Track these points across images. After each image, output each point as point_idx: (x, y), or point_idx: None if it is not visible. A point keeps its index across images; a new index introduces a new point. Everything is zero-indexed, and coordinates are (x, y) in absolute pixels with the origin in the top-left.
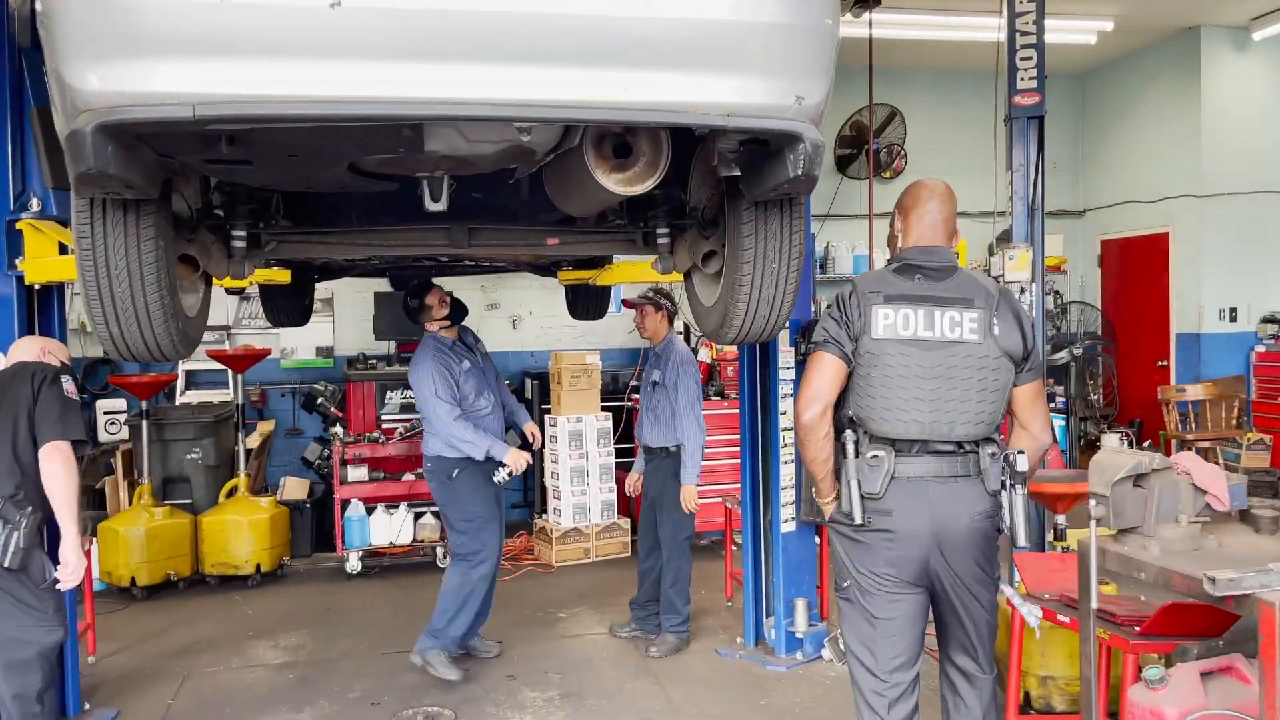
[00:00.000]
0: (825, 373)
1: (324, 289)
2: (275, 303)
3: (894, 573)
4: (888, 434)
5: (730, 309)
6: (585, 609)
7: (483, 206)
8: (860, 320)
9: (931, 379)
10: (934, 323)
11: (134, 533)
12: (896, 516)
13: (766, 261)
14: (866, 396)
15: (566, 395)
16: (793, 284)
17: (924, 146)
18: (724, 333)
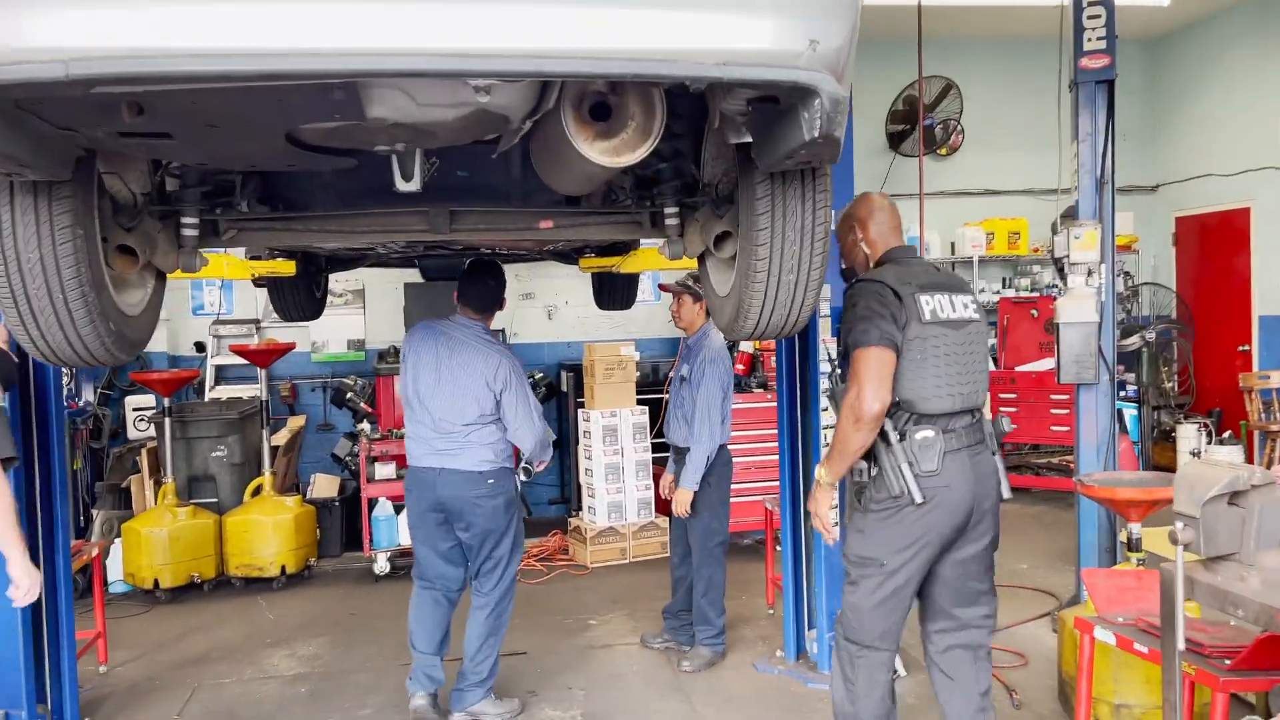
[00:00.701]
0: (887, 365)
1: (355, 280)
2: (281, 295)
3: (934, 541)
4: (935, 410)
5: (745, 298)
6: (618, 615)
7: (468, 186)
8: (904, 311)
9: (961, 355)
10: (954, 305)
11: (156, 534)
12: (954, 489)
13: (786, 243)
14: (918, 379)
15: (600, 388)
16: (817, 270)
17: (982, 120)
18: (740, 326)
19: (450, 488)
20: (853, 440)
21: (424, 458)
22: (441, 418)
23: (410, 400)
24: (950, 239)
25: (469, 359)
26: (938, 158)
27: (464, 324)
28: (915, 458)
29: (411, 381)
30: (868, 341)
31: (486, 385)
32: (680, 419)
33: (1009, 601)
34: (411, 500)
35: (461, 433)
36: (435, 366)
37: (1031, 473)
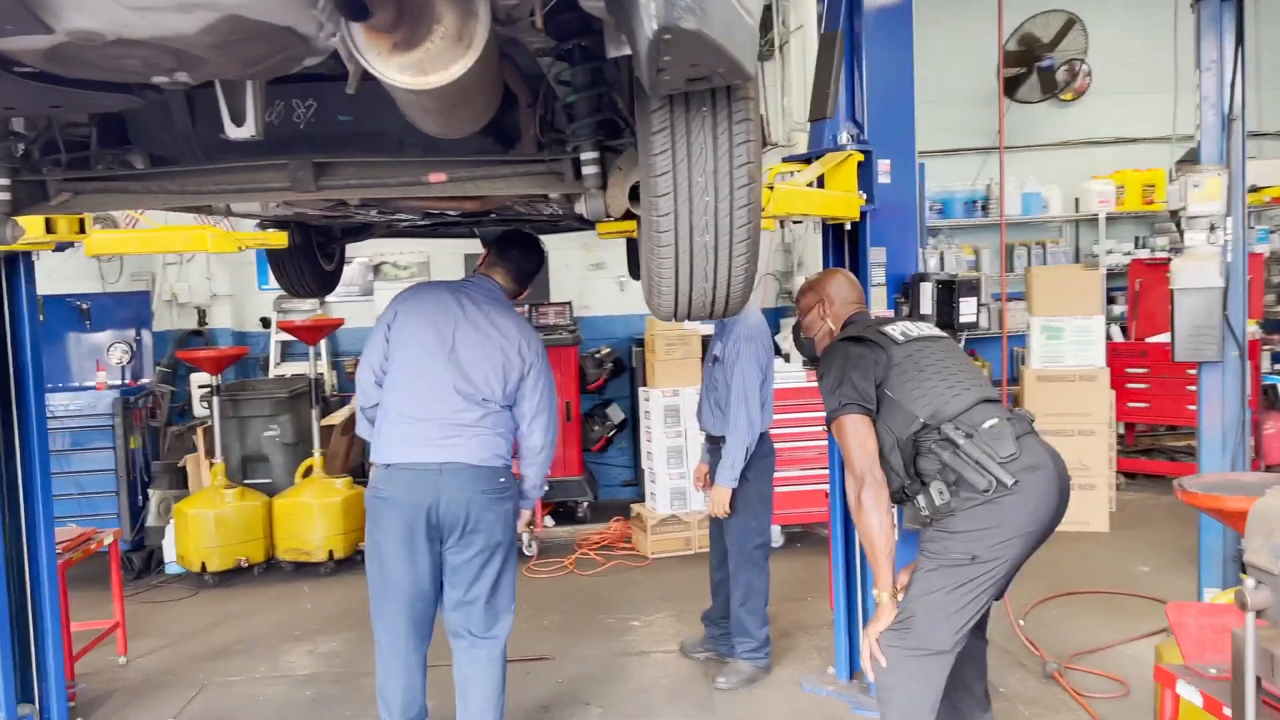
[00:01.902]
0: (864, 429)
1: (420, 252)
2: (283, 268)
3: (1034, 529)
4: (961, 407)
5: (652, 265)
6: (665, 615)
7: (354, 134)
8: (873, 350)
9: (951, 359)
10: (918, 327)
11: (204, 516)
12: (1042, 469)
13: (694, 191)
14: (926, 390)
15: (661, 365)
16: (743, 229)
17: (1111, 59)
18: (655, 302)
19: (457, 488)
20: (874, 521)
21: (416, 450)
22: (454, 395)
23: (398, 374)
24: (1074, 194)
25: (499, 321)
26: (1059, 103)
27: (490, 285)
28: (990, 448)
29: (404, 349)
30: (841, 411)
31: (519, 353)
32: (713, 405)
33: (1116, 614)
34: (390, 510)
35: (477, 414)
36: (447, 330)
37: (1165, 457)
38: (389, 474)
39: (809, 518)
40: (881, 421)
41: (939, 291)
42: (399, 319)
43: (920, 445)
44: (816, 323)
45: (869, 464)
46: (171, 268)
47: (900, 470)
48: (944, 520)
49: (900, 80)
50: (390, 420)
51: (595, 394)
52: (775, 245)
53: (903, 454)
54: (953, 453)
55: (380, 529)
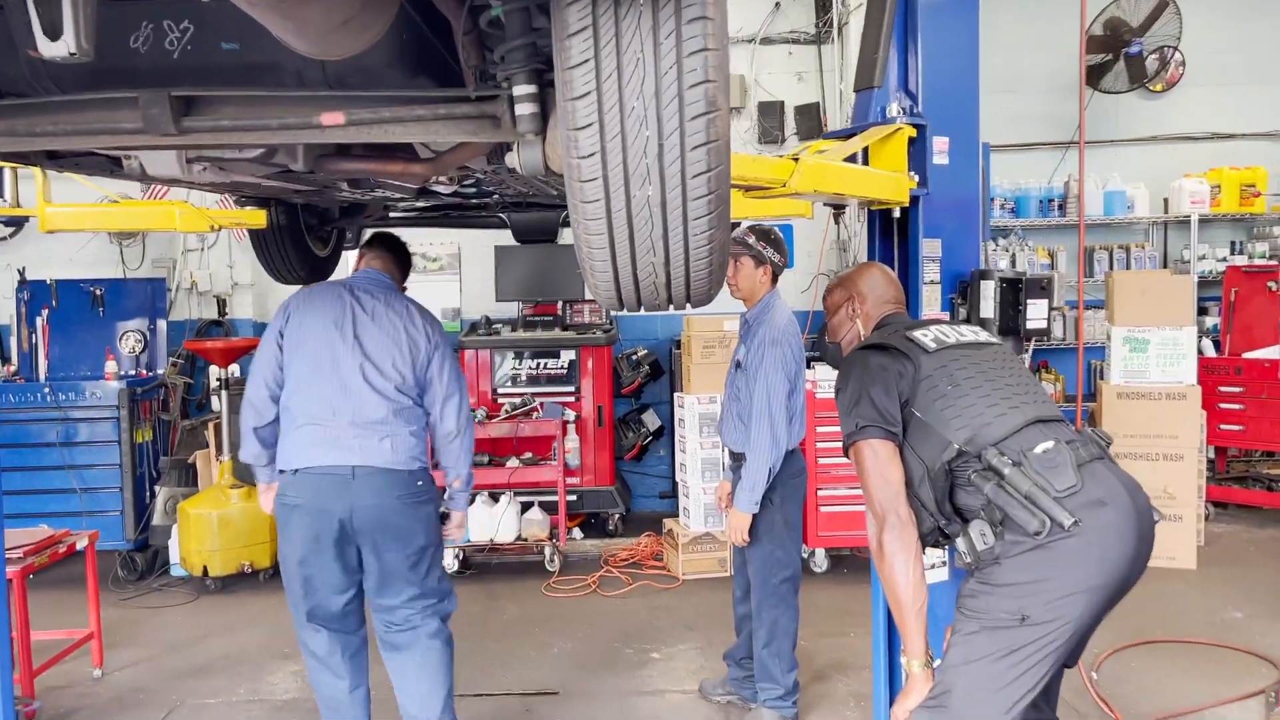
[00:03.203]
0: (885, 457)
1: (451, 244)
2: (266, 250)
3: (1106, 581)
4: (1008, 429)
5: (579, 231)
6: (688, 648)
7: (237, 67)
8: (898, 360)
9: (998, 370)
10: (958, 332)
11: (207, 516)
12: (1114, 505)
13: (628, 122)
14: (963, 408)
15: (697, 369)
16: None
17: (1207, 47)
18: (591, 282)
19: (372, 494)
20: (899, 571)
21: (326, 453)
22: (364, 387)
23: (300, 377)
24: (1162, 194)
25: (397, 306)
26: (1148, 94)
27: (378, 275)
28: (1043, 479)
29: (304, 350)
30: (858, 435)
31: (425, 336)
32: (735, 418)
33: (1206, 668)
34: (301, 517)
35: (388, 409)
36: (346, 323)
37: (1261, 486)
38: (297, 479)
39: (855, 540)
40: (909, 447)
41: (1003, 291)
42: (292, 323)
43: (957, 476)
44: (845, 324)
45: (892, 500)
46: (192, 254)
47: (932, 507)
48: (987, 570)
49: (962, 45)
50: (296, 424)
51: (630, 398)
52: (830, 242)
53: (935, 487)
54: (996, 485)
55: (290, 540)
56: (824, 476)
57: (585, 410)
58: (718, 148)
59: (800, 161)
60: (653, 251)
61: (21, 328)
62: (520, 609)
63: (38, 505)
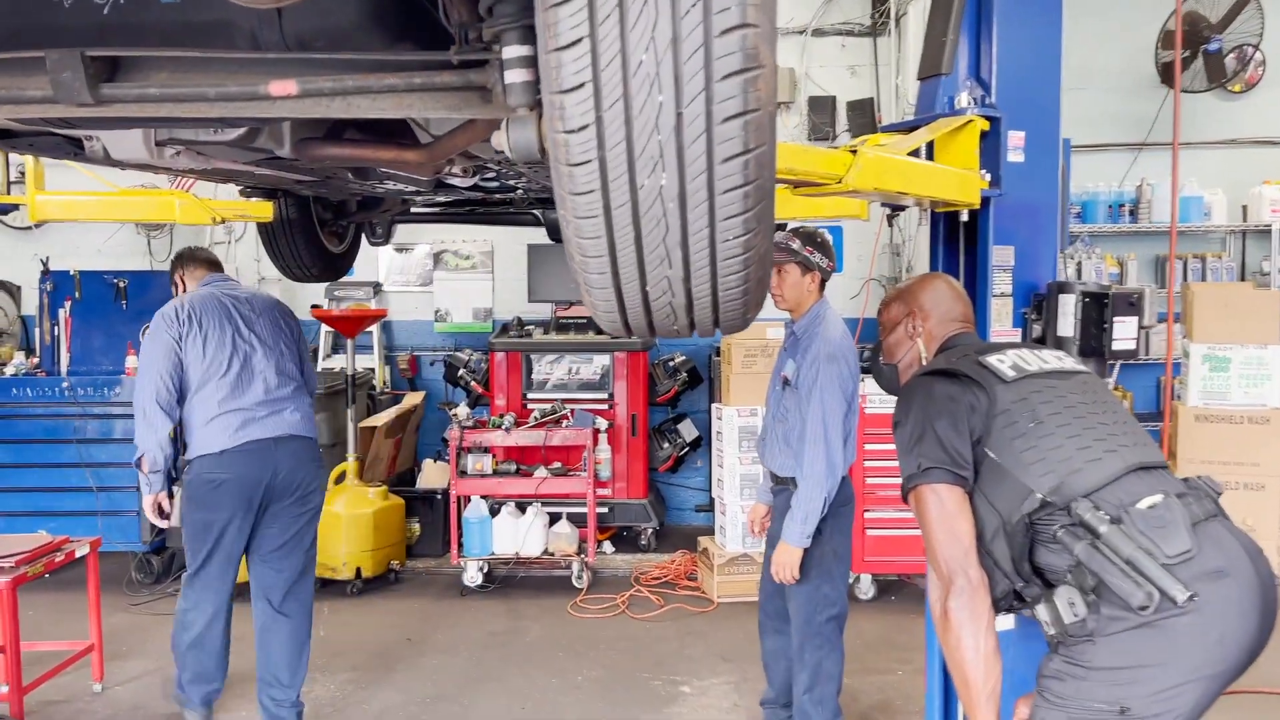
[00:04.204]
0: (953, 506)
1: (485, 241)
2: (276, 246)
3: (1223, 667)
4: (1104, 477)
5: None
6: (723, 682)
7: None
8: (969, 390)
9: (1091, 404)
10: (1040, 358)
11: None
12: (1235, 574)
13: (633, 82)
14: (1046, 450)
15: (737, 379)
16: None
17: None
18: (589, 301)
19: (294, 457)
20: (967, 644)
21: (247, 431)
22: (271, 373)
23: (210, 374)
24: (1241, 201)
25: (268, 308)
26: (1226, 94)
27: (232, 283)
28: (1151, 541)
29: (209, 350)
30: (921, 478)
31: (295, 327)
32: (780, 440)
33: None
34: (230, 489)
35: (290, 388)
36: (242, 324)
37: None
38: (222, 458)
39: (905, 567)
40: (980, 495)
41: (1085, 307)
42: (190, 331)
43: (1039, 532)
44: (903, 343)
45: (960, 558)
46: (219, 247)
47: (1008, 567)
48: (1078, 648)
49: (1043, 27)
50: (212, 414)
51: (666, 406)
52: (882, 246)
53: (1012, 544)
54: (1090, 545)
55: (216, 509)
56: (871, 498)
57: (619, 418)
58: (758, 121)
59: (859, 154)
60: (666, 262)
61: (44, 320)
62: (544, 630)
63: (52, 503)
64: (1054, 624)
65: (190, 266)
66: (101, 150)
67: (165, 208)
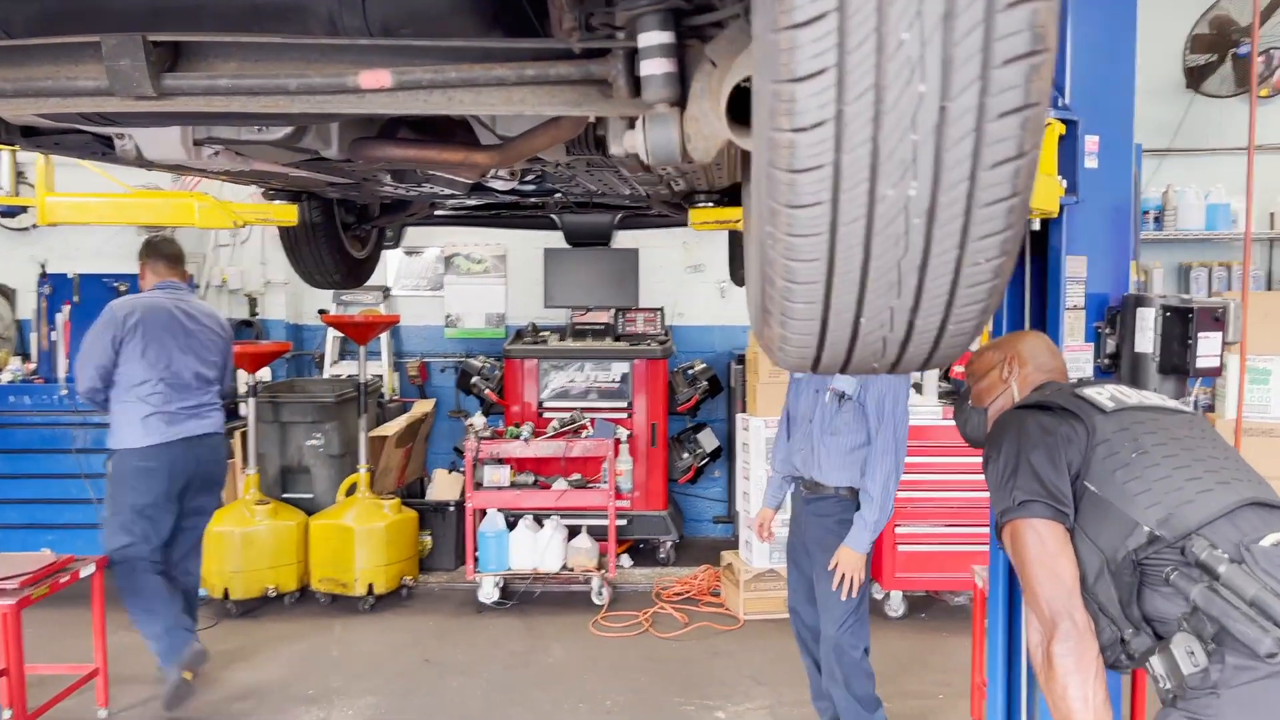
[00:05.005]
0: (1054, 543)
1: (498, 245)
2: (298, 251)
3: None
4: (1216, 509)
5: (772, 254)
6: (757, 708)
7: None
8: (1065, 421)
9: (1197, 438)
10: (1139, 393)
11: (229, 535)
12: None
13: (887, 74)
14: (1152, 481)
15: (764, 389)
16: (1006, 171)
17: None
18: (776, 334)
19: (212, 451)
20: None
21: (175, 429)
22: (195, 380)
23: (146, 374)
24: (1269, 208)
25: (204, 312)
26: (1259, 100)
27: (180, 287)
28: (1277, 581)
29: (146, 353)
30: (1017, 513)
31: (224, 333)
32: (834, 451)
33: None
34: (160, 476)
35: (210, 393)
36: (179, 332)
37: None
38: (153, 450)
39: (935, 584)
40: (1081, 533)
41: (1166, 321)
42: (132, 336)
43: (1148, 574)
44: (996, 386)
45: (1065, 600)
46: (223, 250)
47: (1115, 611)
48: (1201, 702)
49: (1119, 24)
50: (144, 411)
51: (685, 416)
52: None
53: (1119, 585)
54: (1207, 589)
55: (145, 493)
56: (901, 513)
57: (638, 427)
58: (1036, 118)
59: None
60: (895, 290)
61: (42, 324)
62: (566, 650)
63: (50, 515)
64: (1171, 675)
65: (154, 260)
66: (134, 150)
67: (184, 211)
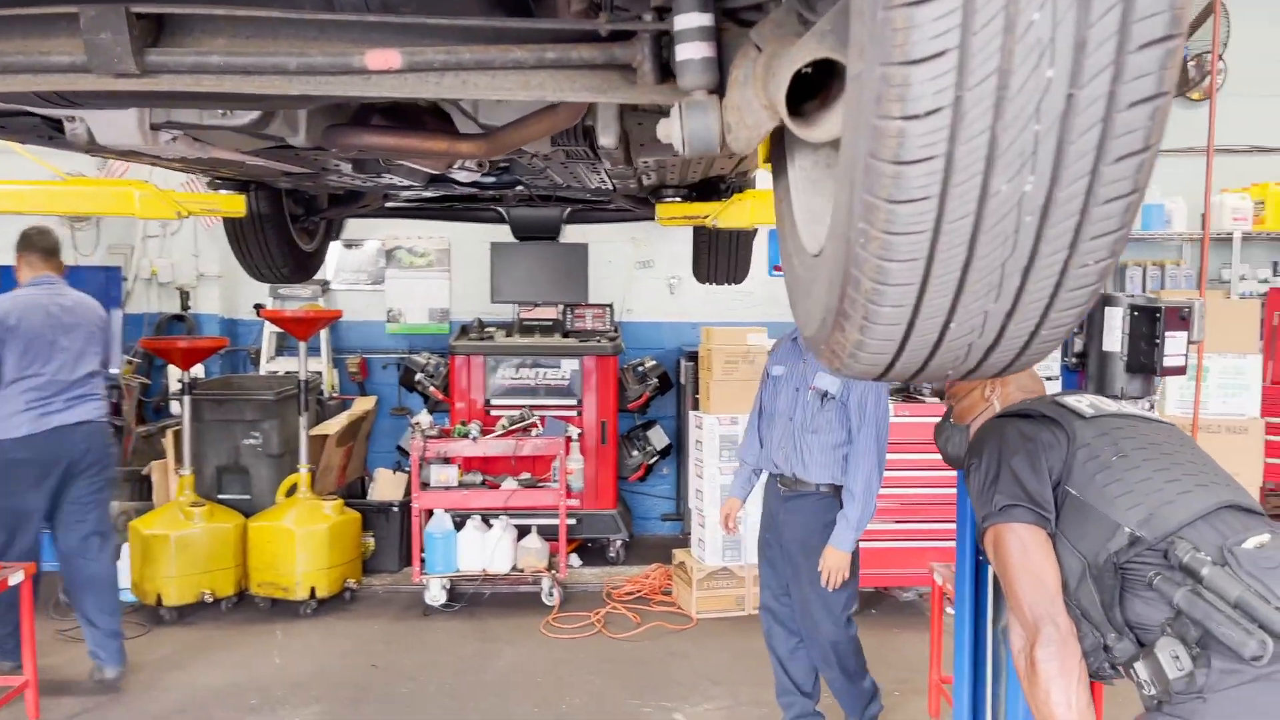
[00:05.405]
0: (1036, 549)
1: (441, 238)
2: (244, 244)
3: None
4: (1195, 511)
5: (867, 251)
6: (716, 708)
7: None
8: (1046, 427)
9: (1175, 445)
10: (1118, 403)
11: (164, 537)
12: None
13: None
14: (1133, 484)
15: (718, 386)
16: (1129, 165)
17: (1251, 54)
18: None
19: (90, 438)
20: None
21: (52, 419)
22: (70, 370)
23: (26, 368)
24: (1200, 209)
25: (82, 303)
26: (1187, 102)
27: (56, 280)
28: (1262, 583)
29: (25, 348)
30: (999, 518)
31: (103, 323)
32: (816, 449)
33: None
34: (33, 467)
35: (92, 386)
36: (58, 326)
37: None
38: (28, 440)
39: (886, 580)
40: (1063, 539)
41: (1134, 320)
42: (11, 337)
43: (1130, 579)
44: (977, 405)
45: (1048, 604)
46: (153, 241)
47: (1097, 616)
48: (1187, 706)
49: None
50: (20, 405)
51: (635, 413)
52: None
53: (1101, 589)
54: (1191, 592)
55: (19, 484)
56: None
57: (587, 426)
58: (1164, 108)
59: None
60: (994, 293)
61: None
62: (518, 652)
63: None
64: (1156, 680)
65: (29, 254)
66: (85, 133)
67: (124, 200)
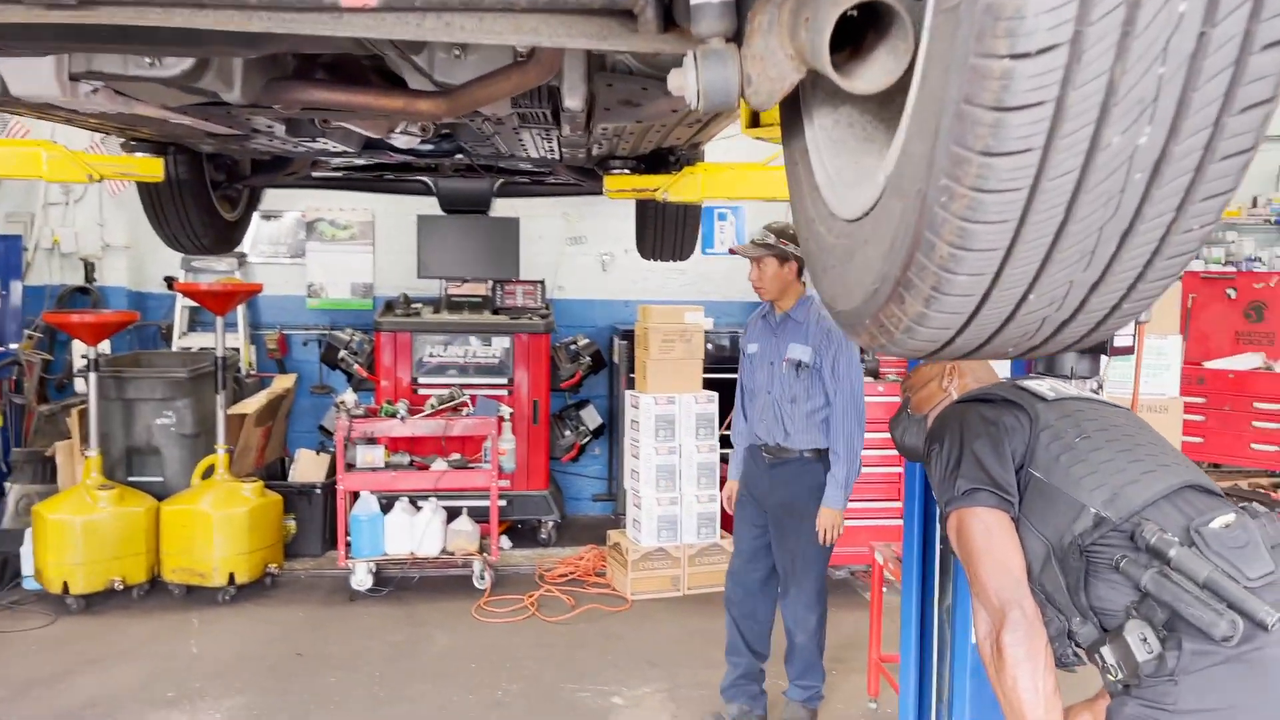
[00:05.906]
0: (1000, 532)
1: (365, 210)
2: (161, 211)
3: None
4: (1157, 491)
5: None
6: (655, 690)
7: None
8: (1009, 411)
9: (1131, 427)
10: (1072, 387)
11: (70, 523)
12: None
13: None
14: (1097, 465)
15: (654, 365)
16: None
17: None
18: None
19: None
20: (1025, 685)
21: None
22: None
23: None
24: None
25: None
26: None
27: None
28: (1229, 563)
29: None
30: (962, 502)
31: None
32: (797, 416)
33: None
34: None
35: None
36: None
37: None
38: None
39: None
40: (1026, 523)
41: None
42: None
43: (1095, 562)
44: (935, 396)
45: (1013, 589)
46: (54, 209)
47: (1063, 600)
48: (1159, 689)
49: None
50: None
51: (567, 393)
52: None
53: (1066, 572)
54: (1158, 574)
55: None
56: None
57: (519, 405)
58: None
59: None
60: (1086, 261)
61: None
62: (451, 638)
63: None
64: (1124, 664)
65: None
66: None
67: (29, 161)
